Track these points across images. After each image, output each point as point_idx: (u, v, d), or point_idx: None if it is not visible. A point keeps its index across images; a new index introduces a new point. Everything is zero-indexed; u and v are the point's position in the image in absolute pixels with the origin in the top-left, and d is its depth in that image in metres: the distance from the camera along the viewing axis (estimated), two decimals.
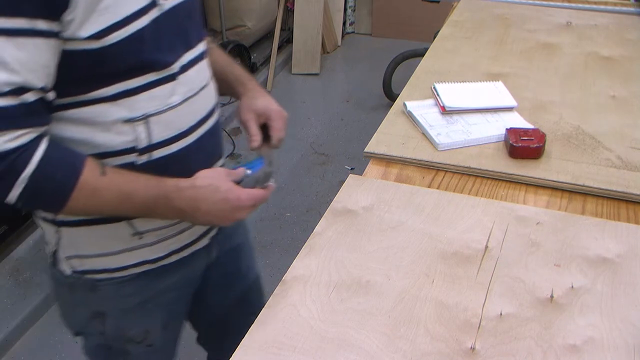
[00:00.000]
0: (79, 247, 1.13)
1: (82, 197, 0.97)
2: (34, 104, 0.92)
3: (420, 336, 0.98)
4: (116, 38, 0.94)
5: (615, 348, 0.96)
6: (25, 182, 0.92)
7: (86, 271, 1.16)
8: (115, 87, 0.99)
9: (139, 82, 1.01)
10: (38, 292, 2.44)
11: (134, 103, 1.01)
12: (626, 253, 1.15)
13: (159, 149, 1.06)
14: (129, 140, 1.03)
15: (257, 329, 1.00)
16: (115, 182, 0.99)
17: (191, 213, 1.04)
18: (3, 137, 0.90)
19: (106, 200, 0.99)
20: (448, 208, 1.26)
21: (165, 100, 1.04)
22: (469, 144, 1.45)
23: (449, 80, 1.65)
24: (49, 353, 2.28)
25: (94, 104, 0.99)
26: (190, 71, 1.09)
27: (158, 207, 1.03)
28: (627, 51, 1.93)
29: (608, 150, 1.43)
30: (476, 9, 2.24)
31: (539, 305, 1.04)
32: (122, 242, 1.12)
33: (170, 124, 1.06)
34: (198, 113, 1.11)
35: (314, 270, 1.11)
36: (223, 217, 1.06)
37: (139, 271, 1.17)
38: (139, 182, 1.01)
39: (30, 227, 2.70)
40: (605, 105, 1.63)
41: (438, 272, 1.11)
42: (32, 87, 0.91)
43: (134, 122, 1.02)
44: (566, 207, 1.29)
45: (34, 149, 0.93)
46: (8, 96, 0.89)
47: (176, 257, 1.19)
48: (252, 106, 1.20)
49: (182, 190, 1.03)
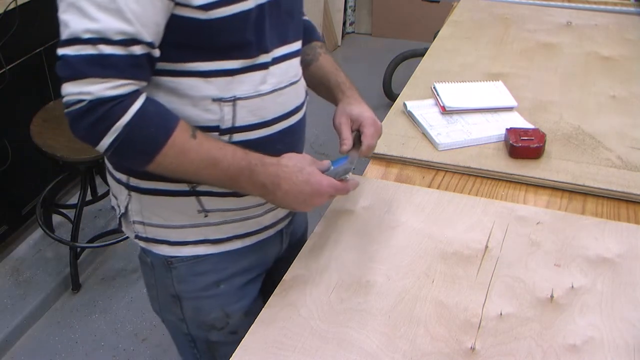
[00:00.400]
0: (145, 215, 1.15)
1: (171, 154, 0.97)
2: (140, 57, 0.93)
3: (420, 336, 0.98)
4: (222, 13, 0.97)
5: (615, 348, 0.96)
6: (119, 130, 0.93)
7: (147, 238, 1.18)
8: (211, 65, 1.01)
9: (234, 64, 1.03)
10: (38, 292, 2.44)
11: (226, 84, 1.03)
12: (626, 253, 1.15)
13: (240, 132, 1.07)
14: (214, 119, 1.05)
15: (257, 328, 1.00)
16: (205, 145, 1.00)
17: (272, 190, 1.04)
18: (105, 84, 0.91)
19: (192, 161, 0.99)
20: (448, 208, 1.26)
21: (255, 86, 1.06)
22: (469, 144, 1.45)
23: (449, 80, 1.65)
24: (49, 353, 2.28)
25: (188, 76, 1.01)
26: (282, 64, 1.11)
27: (241, 179, 1.03)
28: (627, 51, 1.93)
29: (608, 150, 1.43)
30: (476, 9, 2.24)
31: (539, 305, 1.04)
32: (187, 217, 1.13)
33: (256, 110, 1.07)
34: (284, 106, 1.12)
35: (314, 270, 1.11)
36: (302, 200, 1.06)
37: (204, 252, 1.17)
38: (226, 150, 1.01)
39: (30, 227, 2.70)
40: (605, 105, 1.63)
41: (438, 272, 1.11)
42: (142, 40, 0.92)
43: (222, 102, 1.04)
44: (566, 207, 1.29)
45: (133, 100, 0.94)
46: (118, 45, 0.90)
47: (240, 243, 1.19)
48: (347, 111, 1.21)
49: (266, 165, 1.03)
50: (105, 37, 0.90)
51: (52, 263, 2.57)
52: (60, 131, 2.27)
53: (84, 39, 0.89)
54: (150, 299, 1.30)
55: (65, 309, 2.46)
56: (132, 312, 2.44)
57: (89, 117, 0.92)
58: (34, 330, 2.37)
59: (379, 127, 1.20)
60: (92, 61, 0.90)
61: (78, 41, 0.90)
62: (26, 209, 2.64)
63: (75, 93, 0.91)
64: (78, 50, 0.90)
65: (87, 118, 0.92)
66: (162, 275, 1.21)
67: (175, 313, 1.24)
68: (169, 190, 1.11)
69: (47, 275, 2.51)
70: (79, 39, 0.90)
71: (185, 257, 1.17)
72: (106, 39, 0.90)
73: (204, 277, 1.19)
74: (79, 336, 2.34)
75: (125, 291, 2.53)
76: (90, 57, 0.90)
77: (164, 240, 1.17)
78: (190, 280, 1.19)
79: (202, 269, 1.19)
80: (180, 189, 1.10)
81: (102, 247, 2.63)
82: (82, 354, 2.27)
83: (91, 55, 0.90)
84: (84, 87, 0.91)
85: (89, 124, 0.93)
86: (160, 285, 1.24)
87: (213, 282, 1.20)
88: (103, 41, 0.90)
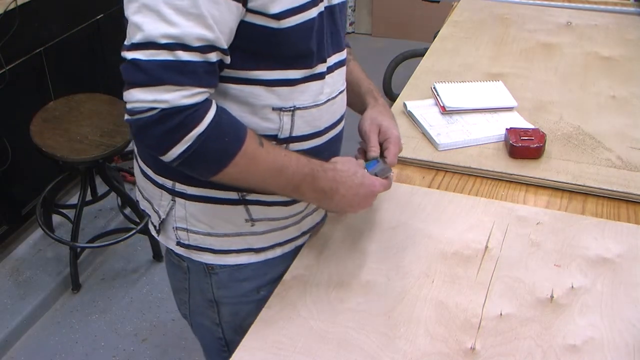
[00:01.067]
0: (190, 222, 1.12)
1: (242, 163, 0.95)
2: (214, 64, 0.91)
3: (420, 336, 0.98)
4: (292, 22, 0.96)
5: (615, 348, 0.96)
6: (192, 140, 0.90)
7: (190, 246, 1.14)
8: (274, 74, 1.01)
9: (296, 74, 1.03)
10: (38, 292, 2.44)
11: (288, 93, 1.03)
12: (626, 253, 1.15)
13: (296, 142, 1.07)
14: (272, 128, 1.04)
15: (257, 329, 1.00)
16: (272, 153, 0.99)
17: (330, 195, 1.05)
18: (182, 91, 0.88)
19: (260, 170, 0.98)
20: (448, 208, 1.26)
21: (314, 96, 1.06)
22: (469, 144, 1.45)
23: (449, 80, 1.65)
24: (49, 353, 2.28)
25: (251, 84, 1.00)
26: (334, 73, 1.11)
27: (303, 185, 1.02)
28: (627, 51, 1.93)
29: (608, 150, 1.43)
30: (476, 9, 2.24)
31: (539, 305, 1.04)
32: (234, 225, 1.11)
33: (312, 121, 1.08)
34: (334, 115, 1.13)
35: (314, 270, 1.11)
36: (356, 202, 1.08)
37: (246, 261, 1.16)
38: (291, 157, 1.01)
39: (30, 227, 2.70)
40: (605, 105, 1.63)
41: (438, 272, 1.11)
42: (219, 46, 0.90)
43: (282, 111, 1.03)
44: (566, 207, 1.29)
45: (207, 109, 0.91)
46: (196, 52, 0.88)
47: (280, 250, 1.18)
48: (377, 120, 1.18)
49: (326, 170, 1.04)
50: (184, 42, 0.86)
51: (52, 263, 2.57)
52: (60, 131, 2.27)
53: (160, 44, 0.86)
54: (179, 302, 1.28)
55: (65, 309, 2.46)
56: (132, 312, 2.44)
57: (162, 126, 0.88)
58: (34, 330, 2.37)
59: (401, 148, 1.19)
60: (169, 67, 0.86)
61: (153, 45, 0.86)
62: (26, 209, 2.64)
63: (149, 100, 0.87)
64: (152, 55, 0.86)
65: (160, 127, 0.89)
66: (200, 280, 1.19)
67: (211, 317, 1.23)
68: (218, 197, 1.08)
69: (47, 275, 2.51)
70: (154, 43, 0.86)
71: (227, 265, 1.16)
72: (185, 44, 0.86)
73: (245, 284, 1.18)
74: (79, 336, 2.34)
75: (125, 291, 2.53)
76: (167, 62, 0.86)
77: (207, 248, 1.14)
78: (231, 287, 1.18)
79: (243, 276, 1.17)
80: (229, 197, 1.08)
81: (102, 247, 2.63)
82: (82, 354, 2.27)
83: (168, 60, 0.86)
84: (159, 95, 0.87)
85: (162, 132, 0.89)
86: (194, 289, 1.21)
87: (254, 288, 1.18)
88: (181, 47, 0.86)
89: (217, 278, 1.17)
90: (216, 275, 1.17)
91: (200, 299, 1.22)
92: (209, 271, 1.17)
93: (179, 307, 1.30)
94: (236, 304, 1.20)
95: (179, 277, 1.23)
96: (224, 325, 1.23)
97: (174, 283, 1.28)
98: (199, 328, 1.29)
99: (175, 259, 1.20)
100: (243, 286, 1.18)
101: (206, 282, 1.18)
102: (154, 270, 2.64)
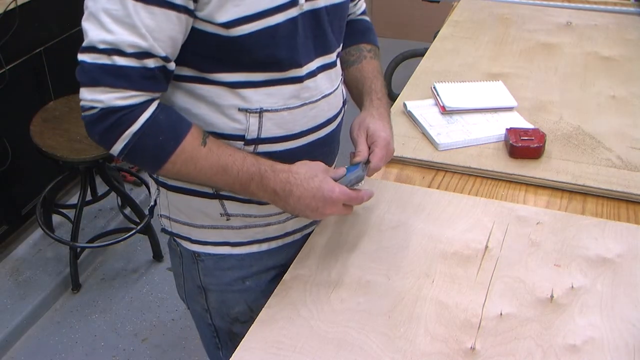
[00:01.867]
0: (171, 210, 1.18)
1: (179, 161, 0.99)
2: (153, 70, 0.95)
3: (420, 336, 0.98)
4: (246, 30, 0.96)
5: (616, 348, 0.96)
6: (129, 138, 0.95)
7: (172, 233, 1.21)
8: (237, 76, 1.02)
9: (262, 77, 1.03)
10: (38, 292, 2.44)
11: (252, 95, 1.03)
12: (626, 253, 1.15)
13: (266, 144, 1.07)
14: (239, 128, 1.05)
15: (257, 328, 1.00)
16: (214, 153, 1.00)
17: (283, 197, 1.03)
18: (116, 94, 0.93)
19: (200, 168, 1.00)
20: (448, 208, 1.26)
21: (284, 100, 1.05)
22: (469, 144, 1.45)
23: (449, 80, 1.65)
24: (49, 353, 2.28)
25: (213, 84, 1.02)
26: (318, 77, 1.09)
27: (251, 185, 1.03)
28: (627, 51, 1.93)
29: (608, 150, 1.43)
30: (476, 9, 2.24)
31: (539, 305, 1.04)
32: (210, 218, 1.15)
33: (283, 124, 1.07)
34: (314, 120, 1.11)
35: (314, 270, 1.11)
36: (314, 208, 1.04)
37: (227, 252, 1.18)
38: (236, 156, 1.02)
39: (30, 227, 2.70)
40: (605, 105, 1.63)
41: (438, 272, 1.11)
42: (156, 54, 0.93)
43: (248, 112, 1.04)
44: (566, 207, 1.29)
45: (143, 109, 0.96)
46: (131, 57, 0.92)
47: (258, 247, 1.20)
48: (365, 124, 1.16)
49: (277, 171, 1.03)
50: (119, 48, 0.91)
51: (52, 263, 2.57)
52: (60, 131, 2.27)
53: (99, 49, 0.92)
54: (177, 286, 1.32)
55: (65, 309, 2.46)
56: (132, 312, 2.44)
57: (101, 124, 0.95)
58: (34, 330, 2.37)
59: (390, 151, 1.15)
60: (106, 70, 0.92)
61: (94, 50, 0.92)
62: (26, 209, 2.64)
63: (89, 100, 0.94)
64: (94, 59, 0.93)
65: (99, 124, 0.95)
66: (189, 266, 1.23)
67: (200, 303, 1.26)
68: (194, 190, 1.12)
69: (47, 275, 2.51)
70: (95, 47, 0.92)
71: (210, 254, 1.19)
72: (120, 50, 0.91)
73: (230, 273, 1.20)
74: (79, 336, 2.34)
75: (125, 291, 2.53)
76: (104, 66, 0.92)
77: (187, 237, 1.19)
78: (216, 275, 1.21)
79: (227, 265, 1.20)
80: (205, 191, 1.11)
81: (102, 247, 2.63)
82: (82, 354, 2.27)
83: (105, 64, 0.92)
84: (97, 95, 0.93)
85: (101, 130, 0.95)
86: (187, 274, 1.25)
87: (239, 277, 1.21)
88: (117, 52, 0.92)
89: (203, 265, 1.20)
90: (202, 262, 1.20)
91: (192, 284, 1.25)
92: (196, 258, 1.20)
93: (178, 291, 1.33)
94: (222, 292, 1.22)
95: (176, 261, 1.27)
96: (212, 311, 1.26)
97: (173, 267, 1.31)
98: (194, 313, 1.33)
99: (172, 244, 1.25)
100: (227, 275, 1.20)
101: (194, 269, 1.22)
102: (154, 270, 2.64)
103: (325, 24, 1.08)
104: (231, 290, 1.22)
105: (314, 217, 1.07)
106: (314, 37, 1.06)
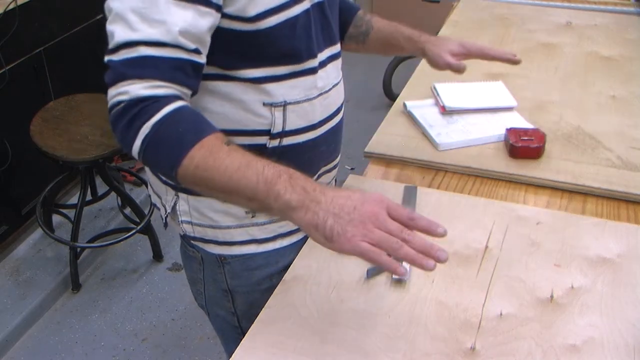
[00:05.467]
0: (193, 215, 1.16)
1: (198, 156, 0.88)
2: (181, 61, 0.92)
3: (420, 336, 0.98)
4: (272, 22, 0.98)
5: (616, 348, 0.96)
6: (148, 129, 0.89)
7: (195, 238, 1.19)
8: (261, 71, 1.03)
9: (284, 70, 1.05)
10: (38, 292, 2.44)
11: (276, 89, 1.05)
12: (626, 253, 1.15)
13: (290, 136, 1.10)
14: (265, 123, 1.07)
15: (257, 329, 1.00)
16: (237, 151, 0.90)
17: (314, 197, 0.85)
18: (143, 83, 0.90)
19: (222, 163, 0.88)
20: (448, 208, 1.26)
21: (306, 91, 1.09)
22: (469, 144, 1.45)
23: (449, 80, 1.65)
24: (49, 353, 2.28)
25: (238, 81, 1.03)
26: (328, 67, 1.13)
27: (278, 182, 0.86)
28: (627, 51, 1.93)
29: (608, 150, 1.43)
30: (476, 9, 2.24)
31: (539, 305, 1.04)
32: (235, 218, 1.14)
33: (304, 115, 1.10)
34: (328, 108, 1.15)
35: (314, 270, 1.11)
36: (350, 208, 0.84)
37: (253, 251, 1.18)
38: (260, 158, 0.89)
39: (30, 227, 2.70)
40: (605, 105, 1.63)
41: (438, 272, 1.10)
42: (184, 47, 0.92)
43: (273, 106, 1.06)
44: (566, 207, 1.29)
45: (169, 102, 0.90)
46: (159, 47, 0.90)
47: (281, 242, 1.20)
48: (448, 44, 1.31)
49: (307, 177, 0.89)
50: (146, 42, 0.90)
51: (52, 263, 2.57)
52: (60, 131, 2.27)
53: (126, 47, 0.90)
54: (195, 293, 1.31)
55: (65, 309, 2.46)
56: (132, 312, 2.44)
57: (123, 118, 0.90)
58: (34, 330, 2.37)
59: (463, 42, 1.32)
60: (134, 63, 0.90)
61: (121, 47, 0.91)
62: (26, 209, 2.64)
63: (115, 94, 0.91)
64: (120, 55, 0.91)
65: (123, 120, 0.90)
66: (213, 270, 1.22)
67: (226, 307, 1.25)
68: None
69: (47, 275, 2.51)
70: (122, 46, 0.91)
71: (237, 255, 1.19)
72: (148, 42, 0.90)
73: (257, 272, 1.20)
74: (79, 336, 2.34)
75: (125, 291, 2.53)
76: (131, 59, 0.90)
77: (212, 240, 1.18)
78: (243, 276, 1.21)
79: (255, 264, 1.20)
80: None
81: (102, 247, 2.64)
82: (82, 354, 2.27)
83: (131, 57, 0.90)
84: (123, 88, 0.90)
85: (124, 125, 0.90)
86: (209, 280, 1.24)
87: (266, 276, 1.20)
88: (143, 44, 0.90)
89: (230, 268, 1.20)
90: (228, 265, 1.19)
91: (215, 289, 1.24)
92: (222, 261, 1.19)
93: (195, 298, 1.32)
94: (250, 293, 1.22)
95: (194, 268, 1.25)
96: (239, 313, 1.25)
97: (189, 274, 1.30)
98: (216, 318, 1.31)
99: (190, 250, 1.24)
100: (255, 274, 1.20)
101: (219, 272, 1.21)
102: (154, 270, 2.64)
103: (329, 15, 1.12)
104: (259, 290, 1.21)
105: (346, 230, 0.85)
106: (322, 29, 1.10)
